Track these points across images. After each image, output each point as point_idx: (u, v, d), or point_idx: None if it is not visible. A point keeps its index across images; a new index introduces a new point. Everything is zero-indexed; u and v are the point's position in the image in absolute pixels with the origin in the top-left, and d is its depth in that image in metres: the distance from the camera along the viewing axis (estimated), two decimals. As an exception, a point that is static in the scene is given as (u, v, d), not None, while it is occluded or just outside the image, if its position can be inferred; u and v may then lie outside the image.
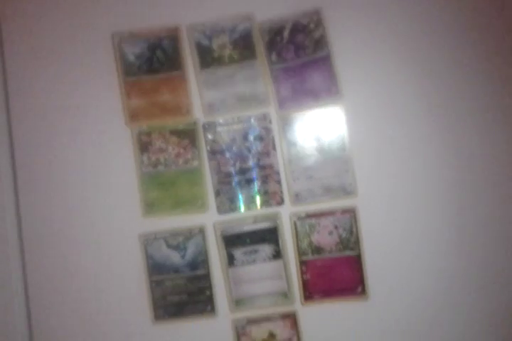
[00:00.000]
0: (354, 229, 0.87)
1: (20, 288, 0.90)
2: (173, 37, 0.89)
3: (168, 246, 0.89)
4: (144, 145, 0.90)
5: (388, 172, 0.88)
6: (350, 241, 0.88)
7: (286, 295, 0.88)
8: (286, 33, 0.88)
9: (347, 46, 0.88)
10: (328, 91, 0.87)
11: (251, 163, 0.89)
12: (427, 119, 0.89)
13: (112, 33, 0.90)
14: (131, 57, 0.90)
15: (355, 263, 0.87)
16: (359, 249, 0.87)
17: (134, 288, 0.89)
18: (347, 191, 0.88)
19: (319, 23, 0.87)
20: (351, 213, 0.87)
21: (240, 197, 0.89)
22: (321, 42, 0.87)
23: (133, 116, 0.90)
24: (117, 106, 0.90)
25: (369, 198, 0.88)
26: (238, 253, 0.89)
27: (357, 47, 0.88)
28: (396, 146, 0.89)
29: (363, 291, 0.87)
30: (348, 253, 0.88)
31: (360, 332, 0.88)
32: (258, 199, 0.89)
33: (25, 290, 0.90)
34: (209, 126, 0.89)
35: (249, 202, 0.89)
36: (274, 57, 0.88)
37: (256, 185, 0.89)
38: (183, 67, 0.89)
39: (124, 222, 0.90)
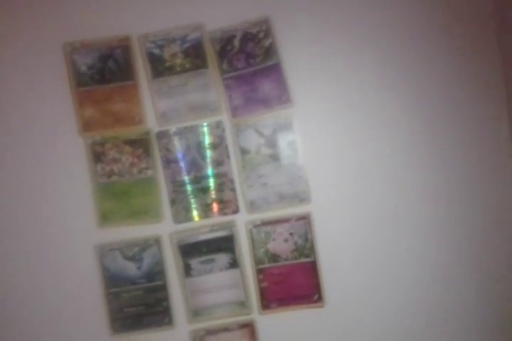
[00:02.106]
0: (309, 236, 0.88)
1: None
2: (124, 47, 0.90)
3: (124, 257, 0.90)
4: (97, 156, 0.90)
5: (341, 178, 0.90)
6: (306, 248, 0.89)
7: (243, 305, 0.89)
8: (236, 42, 0.89)
9: (296, 54, 0.89)
10: (279, 98, 0.89)
11: (205, 171, 0.90)
12: (378, 124, 0.90)
13: (64, 43, 0.90)
14: (83, 68, 0.91)
15: (311, 270, 0.88)
16: (314, 256, 0.88)
17: (91, 301, 0.89)
18: (301, 198, 0.89)
19: (268, 31, 0.89)
20: (306, 220, 0.88)
21: (195, 205, 0.90)
22: (270, 51, 0.89)
23: (86, 126, 0.90)
24: (70, 117, 0.90)
25: (323, 204, 0.89)
26: (195, 262, 0.89)
27: (306, 54, 0.89)
28: (348, 151, 0.90)
29: (320, 298, 0.88)
30: (303, 260, 0.88)
31: (319, 339, 0.89)
32: (213, 208, 0.90)
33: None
34: (162, 135, 0.90)
35: (205, 210, 0.90)
36: (225, 65, 0.90)
37: (211, 194, 0.90)
38: (135, 77, 0.90)
39: (79, 234, 0.90)
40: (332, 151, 0.90)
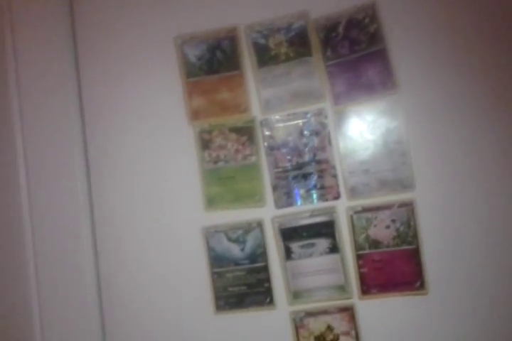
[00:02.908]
0: (412, 223, 0.87)
1: (93, 277, 0.97)
2: (231, 37, 0.94)
3: (229, 239, 0.93)
4: (205, 143, 0.95)
5: (446, 165, 0.88)
6: (408, 235, 0.88)
7: (343, 289, 0.90)
8: (340, 29, 0.90)
9: (402, 39, 0.88)
10: (384, 84, 0.88)
11: (307, 157, 0.92)
12: (485, 112, 0.87)
13: (175, 36, 0.96)
14: (193, 59, 0.96)
15: (413, 257, 0.87)
16: (417, 243, 0.87)
17: (197, 279, 0.94)
18: (404, 184, 0.88)
19: (374, 17, 0.89)
20: (409, 207, 0.88)
21: (297, 191, 0.92)
22: (376, 37, 0.88)
23: (195, 115, 0.95)
24: (180, 106, 0.96)
25: (427, 191, 0.87)
26: (295, 246, 0.91)
27: (412, 40, 0.88)
28: (454, 139, 0.88)
29: (422, 286, 0.87)
30: (405, 247, 0.88)
31: (420, 327, 0.88)
32: (314, 194, 0.92)
33: (97, 279, 0.97)
34: (266, 123, 0.93)
35: (306, 196, 0.92)
36: (329, 53, 0.91)
37: (312, 180, 0.91)
38: (241, 67, 0.94)
39: (187, 216, 0.95)
40: (438, 137, 0.88)
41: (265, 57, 0.93)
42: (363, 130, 0.90)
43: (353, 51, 0.89)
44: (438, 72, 0.88)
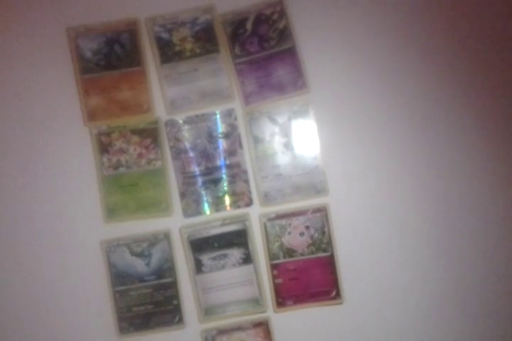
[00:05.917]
0: (326, 229, 0.88)
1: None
2: (131, 31, 0.90)
3: (132, 253, 0.89)
4: (103, 146, 0.90)
5: (360, 168, 0.89)
6: (323, 242, 0.88)
7: (257, 302, 0.88)
8: (249, 25, 0.89)
9: (313, 37, 0.89)
10: (295, 84, 0.89)
11: (217, 162, 0.90)
12: (399, 112, 0.90)
13: (67, 28, 0.91)
14: (88, 53, 0.91)
15: (329, 265, 0.88)
16: (332, 250, 0.88)
17: (97, 300, 0.89)
18: (317, 189, 0.88)
19: (282, 13, 0.89)
20: (323, 212, 0.88)
21: (207, 198, 0.90)
22: (285, 34, 0.89)
23: (91, 115, 0.90)
24: (75, 106, 0.91)
25: (341, 196, 0.88)
26: (206, 258, 0.89)
27: (324, 37, 0.89)
28: (367, 139, 0.89)
29: (338, 295, 0.88)
30: (320, 254, 0.88)
31: (337, 338, 0.88)
32: (226, 201, 0.90)
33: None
34: (171, 124, 0.90)
35: (217, 203, 0.90)
36: (237, 49, 0.90)
37: (223, 186, 0.90)
38: (143, 63, 0.90)
39: (84, 229, 0.90)
40: (351, 139, 0.89)
41: (169, 52, 0.90)
42: (275, 132, 0.89)
43: (263, 48, 0.89)
44: (351, 72, 0.89)
